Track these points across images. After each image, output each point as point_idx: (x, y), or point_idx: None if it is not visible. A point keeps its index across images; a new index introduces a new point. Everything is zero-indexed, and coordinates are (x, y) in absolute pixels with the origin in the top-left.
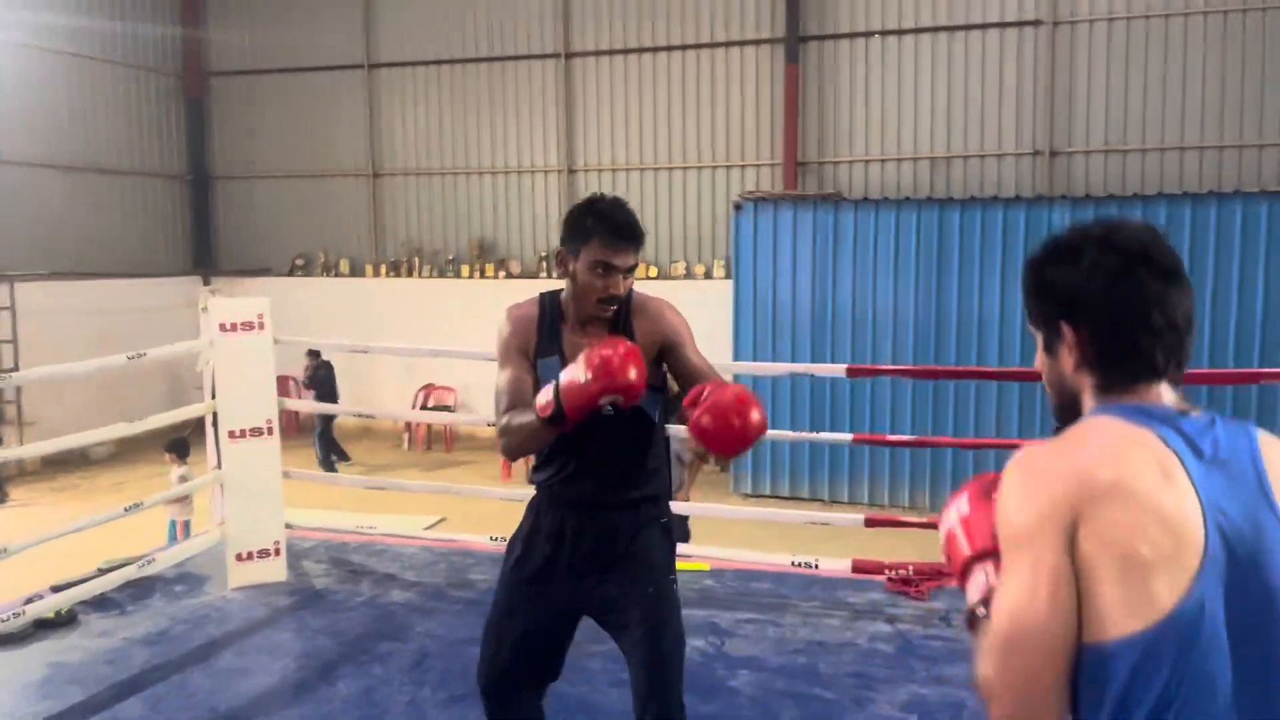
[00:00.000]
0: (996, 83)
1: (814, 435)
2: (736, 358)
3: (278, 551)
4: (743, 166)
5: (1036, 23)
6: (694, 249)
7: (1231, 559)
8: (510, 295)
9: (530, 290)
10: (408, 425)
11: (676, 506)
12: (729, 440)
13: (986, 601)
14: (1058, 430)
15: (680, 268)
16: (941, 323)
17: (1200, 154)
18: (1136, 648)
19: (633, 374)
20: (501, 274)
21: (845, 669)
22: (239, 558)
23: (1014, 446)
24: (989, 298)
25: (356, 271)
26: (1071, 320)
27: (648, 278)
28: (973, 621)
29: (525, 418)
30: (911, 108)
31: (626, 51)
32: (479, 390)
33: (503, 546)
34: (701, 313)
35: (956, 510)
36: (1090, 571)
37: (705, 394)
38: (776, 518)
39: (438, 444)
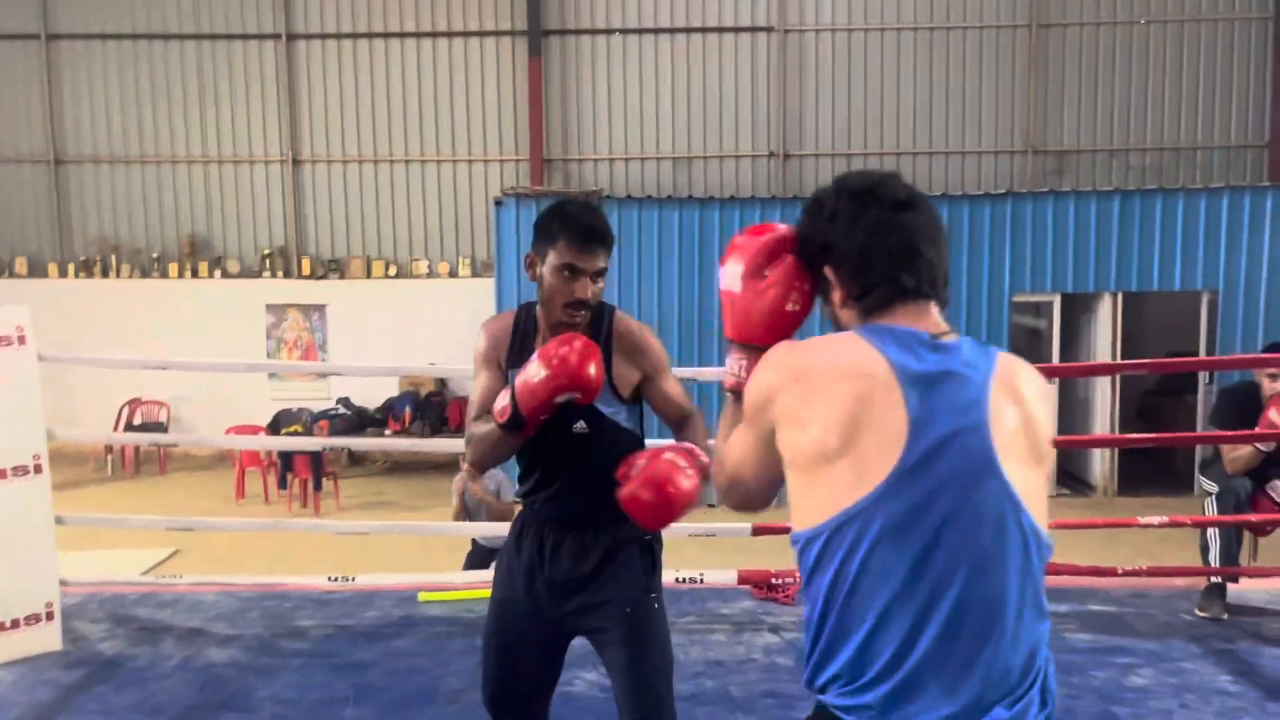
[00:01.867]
0: (733, 86)
1: None
2: None
3: (50, 615)
4: (486, 161)
5: (768, 29)
6: (436, 247)
7: (927, 459)
8: (229, 297)
9: (251, 291)
10: (108, 446)
11: None
12: (656, 516)
13: (733, 391)
14: None
15: (423, 266)
16: (705, 322)
17: (914, 159)
18: (823, 532)
19: (589, 369)
20: (218, 274)
21: (757, 689)
22: (0, 627)
23: None
24: None
25: (37, 271)
26: (830, 262)
27: (386, 276)
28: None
29: (487, 426)
30: (654, 107)
31: (356, 36)
32: (197, 405)
33: (339, 586)
34: (448, 315)
35: (731, 280)
36: (787, 459)
37: (636, 466)
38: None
39: (148, 465)
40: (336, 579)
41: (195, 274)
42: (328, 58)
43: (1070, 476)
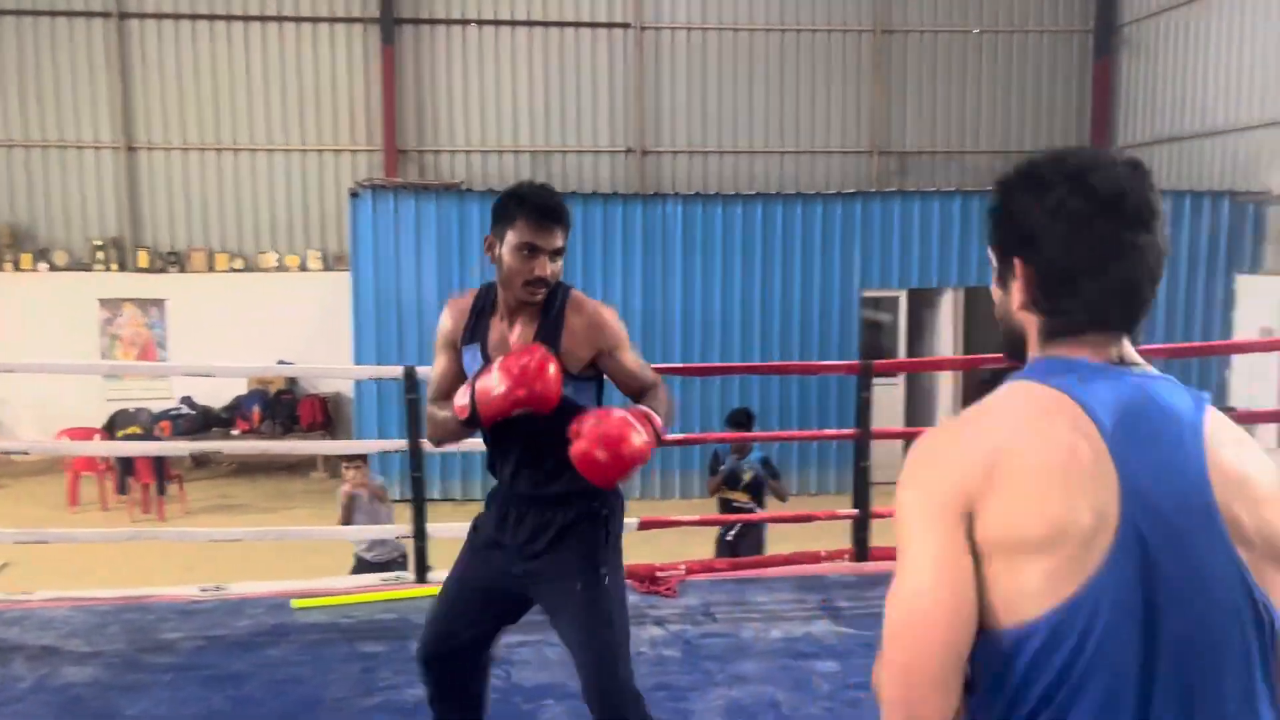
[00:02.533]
0: (590, 81)
1: None
2: (359, 360)
3: None
4: (337, 151)
5: (625, 25)
6: (285, 239)
7: (1149, 537)
8: (55, 290)
9: (82, 285)
10: None
11: None
12: (606, 473)
13: None
14: (1007, 359)
15: (270, 259)
16: None
17: (766, 158)
18: (1039, 633)
19: (544, 386)
20: (43, 266)
21: (648, 682)
22: None
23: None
24: (611, 291)
25: None
26: (1024, 254)
27: (231, 269)
28: None
29: (445, 413)
30: (510, 100)
31: (196, 17)
32: (22, 407)
33: (207, 595)
34: (299, 310)
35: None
36: (988, 559)
37: (588, 424)
38: None
39: None
40: (207, 589)
41: (18, 266)
42: (164, 38)
43: None
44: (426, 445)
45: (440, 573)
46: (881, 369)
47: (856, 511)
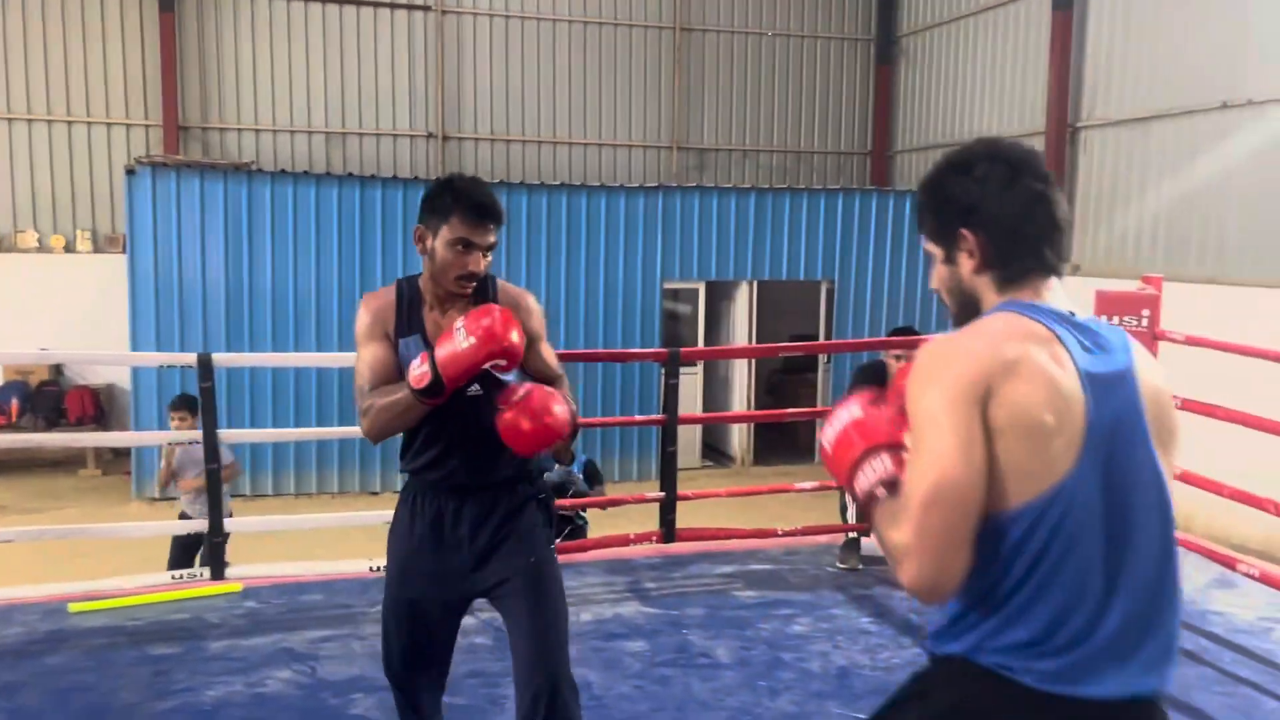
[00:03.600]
0: (389, 63)
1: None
2: (135, 347)
3: None
4: (109, 125)
5: (425, 8)
6: (48, 218)
7: (1105, 435)
8: None
9: None
10: None
11: None
12: (531, 442)
13: (887, 483)
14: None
15: (31, 239)
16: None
17: (569, 148)
18: (1033, 510)
19: (515, 336)
20: None
21: (460, 670)
22: None
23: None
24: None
25: None
26: (969, 225)
27: None
28: (869, 503)
29: (394, 395)
30: (304, 78)
31: None
32: None
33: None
34: (68, 295)
35: (847, 415)
36: (1000, 439)
37: (515, 396)
38: (342, 522)
39: None
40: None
41: None
42: None
43: (712, 449)
44: (226, 435)
45: (240, 568)
46: (688, 357)
47: (664, 494)
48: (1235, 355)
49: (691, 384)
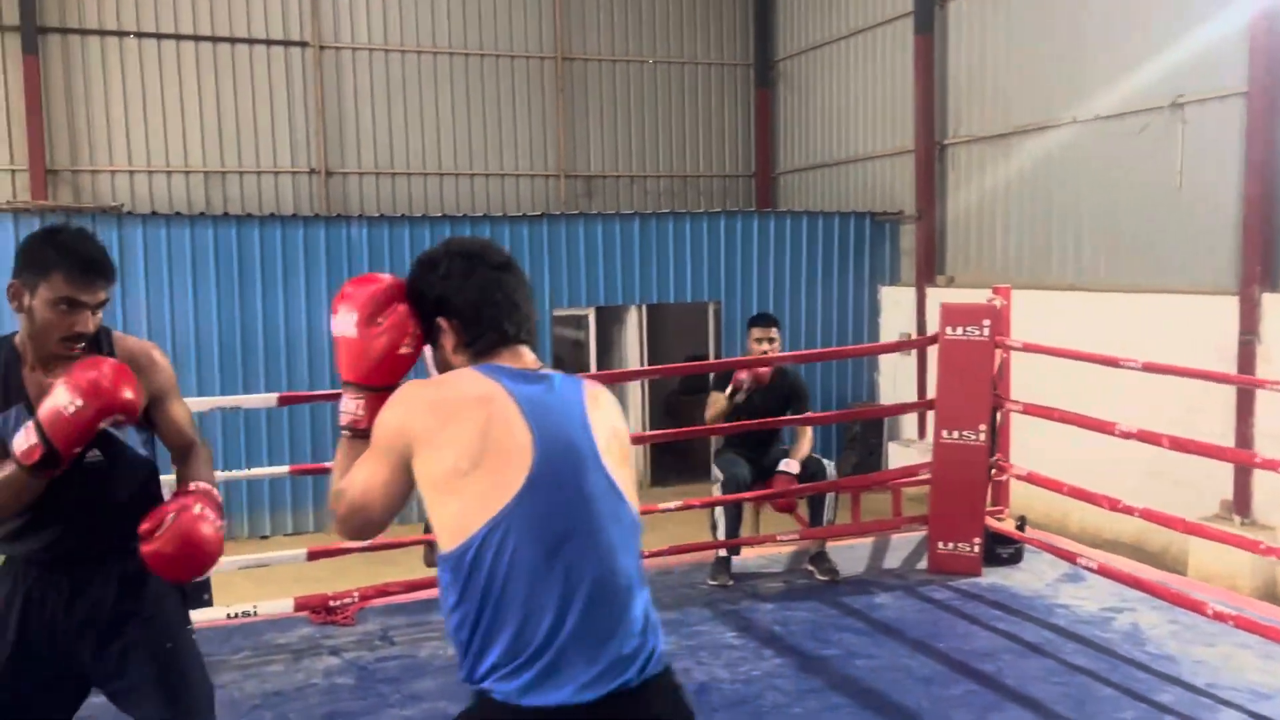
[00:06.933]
0: (268, 100)
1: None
2: None
3: None
4: None
5: (303, 44)
6: None
7: (551, 467)
8: None
9: None
10: None
11: None
12: (184, 570)
13: (350, 428)
14: None
15: None
16: (248, 346)
17: (455, 180)
18: (477, 539)
19: (128, 391)
20: None
21: (318, 713)
22: None
23: None
24: (294, 315)
25: None
26: (443, 313)
27: None
28: (344, 427)
29: (3, 472)
30: (179, 118)
31: None
32: None
33: None
34: None
35: (344, 326)
36: (427, 481)
37: (163, 523)
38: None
39: None
40: None
41: None
42: None
43: None
44: None
45: None
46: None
47: None
48: (1069, 360)
49: None
